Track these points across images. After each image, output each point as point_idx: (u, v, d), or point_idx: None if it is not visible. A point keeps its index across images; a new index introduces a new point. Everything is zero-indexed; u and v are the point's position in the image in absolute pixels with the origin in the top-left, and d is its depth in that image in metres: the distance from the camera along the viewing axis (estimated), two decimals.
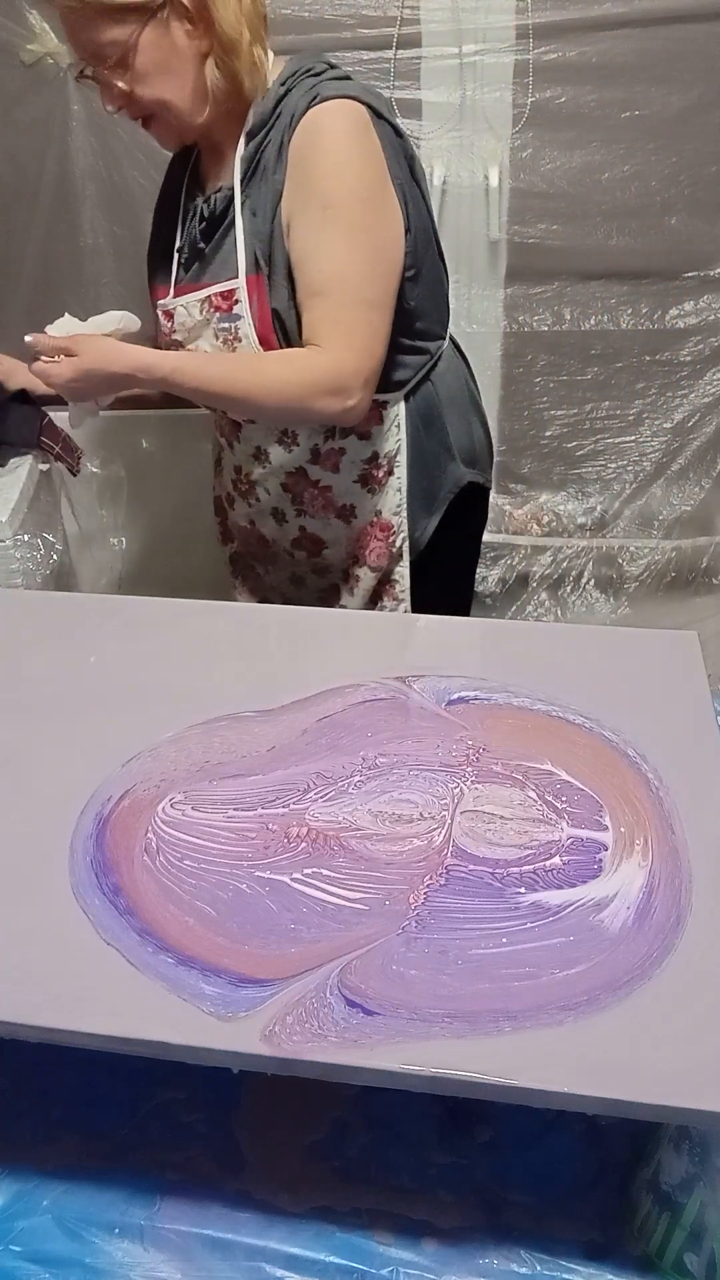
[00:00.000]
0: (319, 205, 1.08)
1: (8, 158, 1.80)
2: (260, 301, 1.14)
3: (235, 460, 1.32)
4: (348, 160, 1.07)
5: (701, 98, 1.69)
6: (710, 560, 2.06)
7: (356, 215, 1.08)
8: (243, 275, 1.15)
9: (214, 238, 1.19)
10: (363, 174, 1.08)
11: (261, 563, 1.43)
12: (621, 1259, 0.69)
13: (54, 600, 1.19)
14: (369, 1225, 0.72)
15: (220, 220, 1.18)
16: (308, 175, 1.08)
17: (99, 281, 1.90)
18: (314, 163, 1.08)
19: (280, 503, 1.32)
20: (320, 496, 1.29)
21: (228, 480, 1.38)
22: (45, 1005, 0.64)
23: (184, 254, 1.25)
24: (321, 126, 1.07)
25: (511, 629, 1.09)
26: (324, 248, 1.09)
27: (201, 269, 1.22)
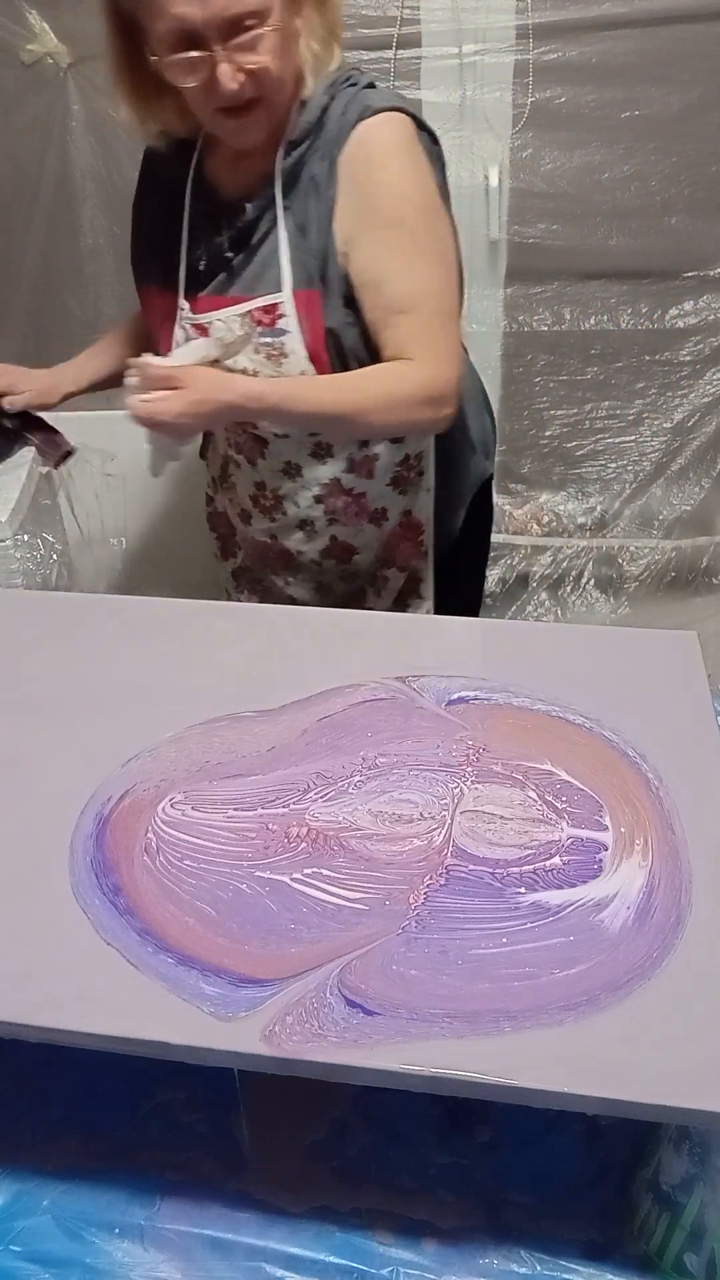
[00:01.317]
0: (387, 224, 1.08)
1: (8, 158, 1.80)
2: (313, 319, 1.12)
3: (257, 476, 1.28)
4: (409, 176, 1.08)
5: (701, 98, 1.69)
6: (710, 560, 2.06)
7: (425, 230, 1.10)
8: (288, 290, 1.11)
9: (246, 248, 1.14)
10: (423, 188, 1.09)
11: (280, 574, 1.38)
12: (621, 1259, 0.70)
13: (54, 600, 1.19)
14: (369, 1225, 0.72)
15: (252, 230, 1.13)
16: (369, 194, 1.08)
17: (99, 281, 1.90)
18: (376, 181, 1.07)
19: (310, 514, 1.28)
20: (354, 504, 1.27)
21: (243, 496, 1.32)
22: (45, 1005, 0.64)
23: (202, 262, 1.18)
24: (377, 143, 1.07)
25: (511, 629, 1.09)
26: (402, 267, 1.09)
27: (229, 280, 1.16)
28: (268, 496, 1.28)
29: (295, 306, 1.12)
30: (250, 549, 1.40)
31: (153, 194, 1.24)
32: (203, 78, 1.00)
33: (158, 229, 1.22)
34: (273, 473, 1.26)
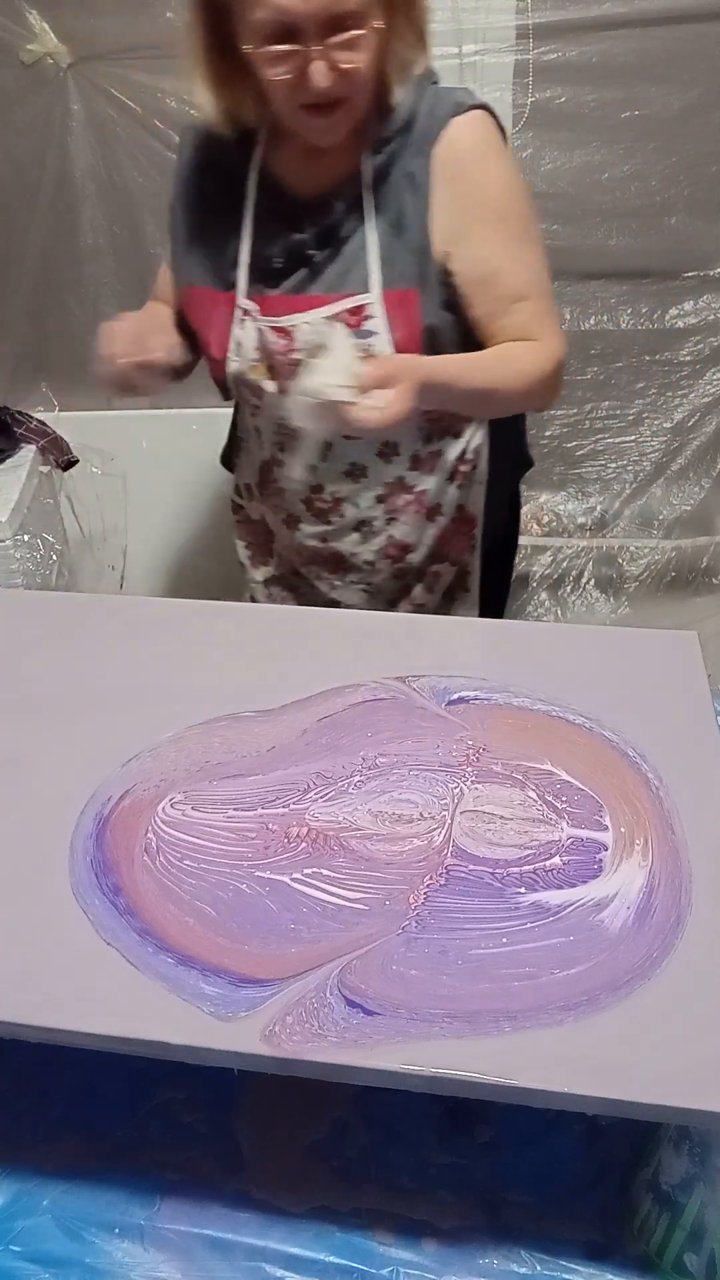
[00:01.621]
0: (496, 219, 1.10)
1: (8, 158, 1.79)
2: (409, 318, 1.11)
3: (313, 480, 1.25)
4: (506, 169, 1.11)
5: (701, 98, 1.69)
6: (710, 560, 2.05)
7: (526, 219, 1.13)
8: (377, 290, 1.10)
9: (329, 247, 1.11)
10: (518, 178, 1.13)
11: (326, 578, 1.35)
12: (621, 1259, 0.70)
13: (54, 600, 1.19)
14: (369, 1225, 0.72)
15: (336, 228, 1.11)
16: (473, 190, 1.09)
17: (99, 281, 1.90)
18: (478, 177, 1.09)
19: (369, 515, 1.26)
20: (415, 501, 1.26)
21: (293, 502, 1.28)
22: (45, 1005, 0.64)
23: (278, 261, 1.14)
24: (473, 139, 1.08)
25: (511, 629, 1.09)
26: (515, 257, 1.12)
27: (309, 279, 1.13)
28: (325, 500, 1.25)
29: (385, 307, 1.10)
30: (294, 555, 1.35)
31: (200, 187, 1.18)
32: (293, 72, 0.98)
33: (209, 224, 1.17)
34: (335, 475, 1.23)
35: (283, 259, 1.13)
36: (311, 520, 1.28)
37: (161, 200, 1.79)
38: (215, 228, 1.16)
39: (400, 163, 1.09)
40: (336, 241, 1.11)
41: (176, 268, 1.22)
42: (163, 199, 1.79)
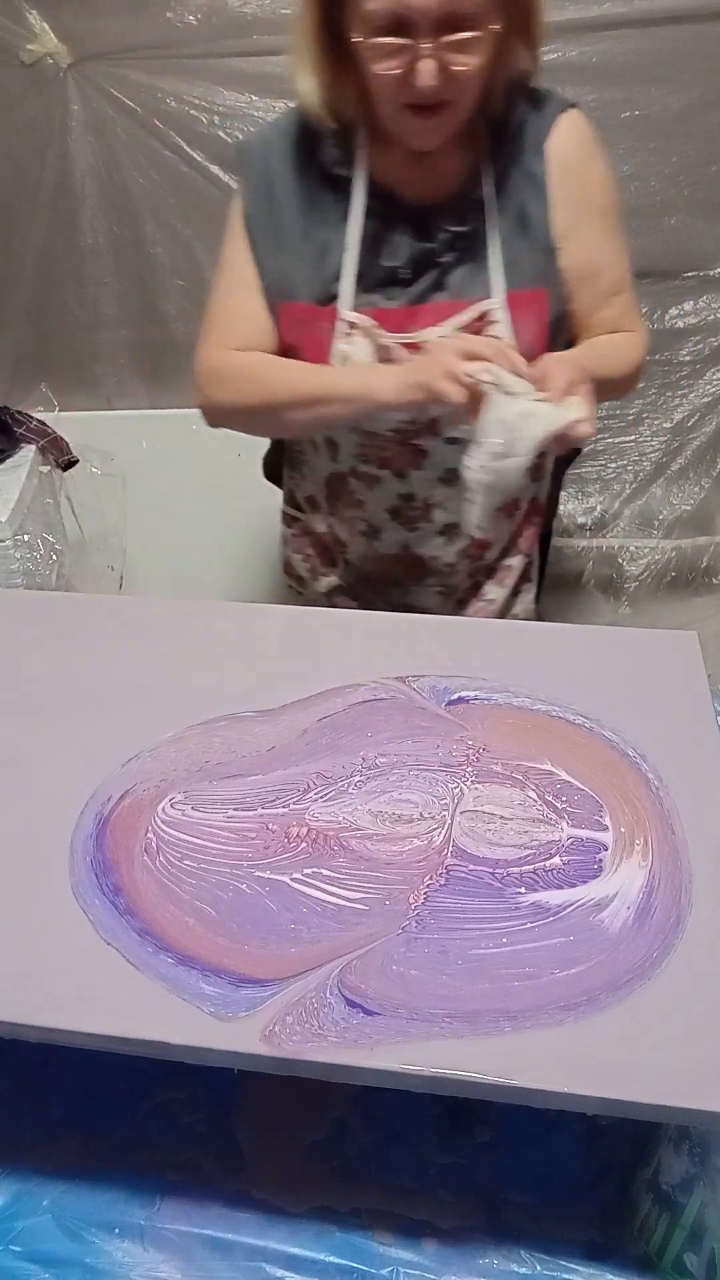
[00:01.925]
0: (600, 214, 1.12)
1: (8, 158, 1.79)
2: (537, 317, 1.11)
3: (404, 489, 1.22)
4: (605, 164, 1.13)
5: (701, 98, 1.69)
6: (710, 560, 2.05)
7: (619, 213, 1.15)
8: (500, 294, 1.09)
9: (453, 252, 1.09)
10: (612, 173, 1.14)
11: (402, 585, 1.33)
12: (621, 1259, 0.70)
13: (54, 600, 1.19)
14: (369, 1225, 0.72)
15: (463, 234, 1.09)
16: (584, 186, 1.10)
17: (99, 281, 1.90)
18: (588, 174, 1.11)
19: (458, 518, 1.23)
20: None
21: (377, 512, 1.24)
22: (45, 1005, 0.64)
23: (404, 272, 1.09)
24: (581, 136, 1.10)
25: (511, 629, 1.09)
26: (615, 251, 1.14)
27: (435, 286, 1.10)
28: (415, 507, 1.23)
29: (509, 310, 1.10)
30: (369, 564, 1.32)
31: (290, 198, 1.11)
32: (402, 68, 0.96)
33: (308, 235, 1.11)
34: (429, 482, 1.21)
35: (407, 269, 1.10)
36: (396, 528, 1.25)
37: (162, 200, 1.81)
38: (313, 238, 1.11)
39: (519, 163, 1.09)
40: (459, 247, 1.09)
41: (268, 284, 1.13)
42: (163, 199, 1.81)
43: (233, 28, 1.67)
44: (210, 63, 1.70)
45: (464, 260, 1.10)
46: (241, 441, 1.53)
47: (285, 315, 1.14)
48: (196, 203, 1.80)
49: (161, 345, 1.96)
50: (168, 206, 1.81)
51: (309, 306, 1.12)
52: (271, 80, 1.70)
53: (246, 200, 1.12)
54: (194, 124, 1.74)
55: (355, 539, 1.30)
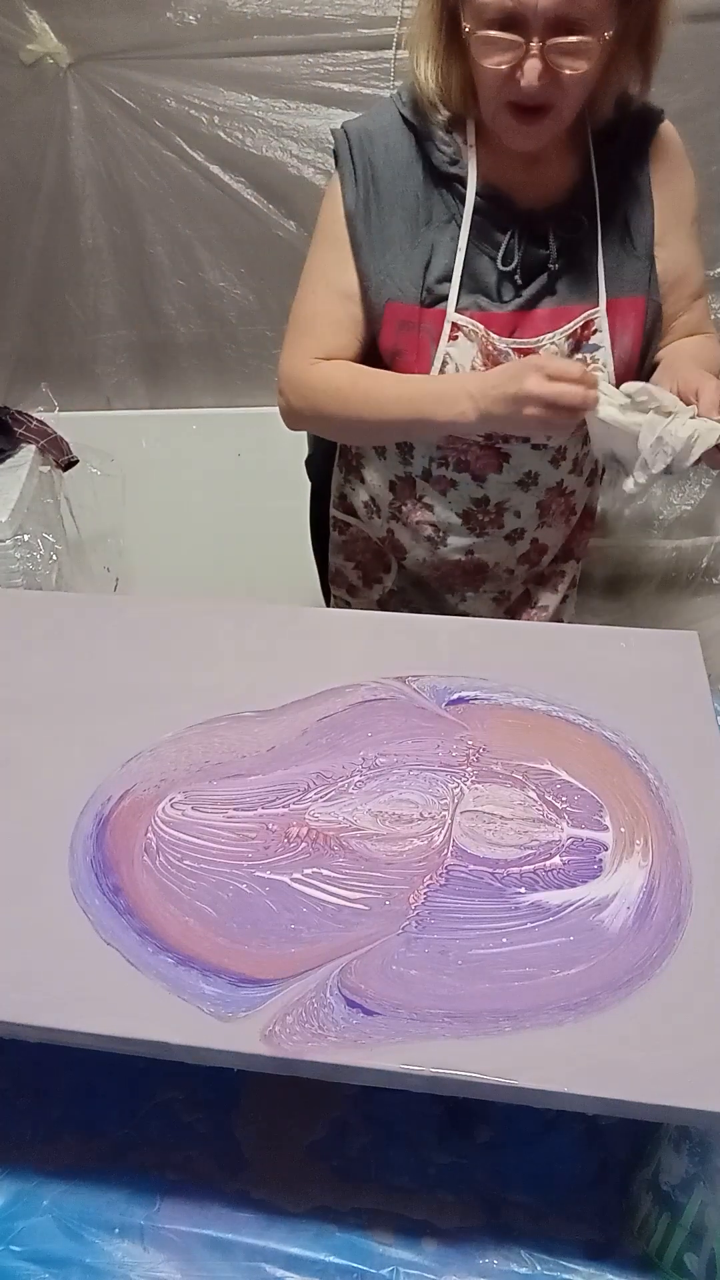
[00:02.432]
0: (689, 221, 1.14)
1: (8, 158, 1.79)
2: (635, 325, 1.11)
3: (478, 494, 1.21)
4: (691, 172, 1.15)
5: (701, 98, 1.69)
6: (710, 560, 2.05)
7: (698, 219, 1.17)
8: (603, 301, 1.09)
9: (567, 258, 1.09)
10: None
11: (459, 590, 1.32)
12: (621, 1259, 0.70)
13: (54, 600, 1.19)
14: (369, 1225, 0.72)
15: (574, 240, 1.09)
16: (677, 195, 1.12)
17: (99, 281, 1.90)
18: (682, 182, 1.13)
19: (526, 523, 1.24)
20: (564, 502, 1.25)
21: (447, 516, 1.23)
22: (45, 1005, 0.64)
23: (515, 274, 1.08)
24: (677, 146, 1.13)
25: (511, 629, 1.09)
26: (697, 256, 1.16)
27: (544, 292, 1.09)
28: (488, 511, 1.22)
29: (609, 317, 1.10)
30: (428, 569, 1.31)
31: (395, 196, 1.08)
32: (508, 64, 0.94)
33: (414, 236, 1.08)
34: (507, 486, 1.20)
35: (521, 271, 1.09)
36: (464, 533, 1.24)
37: (161, 200, 1.81)
38: (419, 239, 1.08)
39: (624, 172, 1.09)
40: (569, 254, 1.09)
41: (371, 285, 1.10)
42: (163, 199, 1.81)
43: (233, 28, 1.67)
44: (210, 63, 1.70)
45: (572, 267, 1.09)
46: (241, 442, 1.53)
47: (389, 317, 1.10)
48: (196, 203, 1.80)
49: (161, 345, 1.96)
50: (168, 206, 1.81)
51: (413, 308, 1.09)
52: (271, 80, 1.70)
53: (348, 198, 1.09)
54: (194, 124, 1.74)
55: (418, 544, 1.28)
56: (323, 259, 1.12)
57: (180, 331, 1.93)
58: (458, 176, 1.07)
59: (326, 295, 1.12)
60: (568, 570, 1.36)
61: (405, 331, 1.10)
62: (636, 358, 1.13)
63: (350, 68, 1.68)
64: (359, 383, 1.11)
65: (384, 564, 1.35)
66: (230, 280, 1.88)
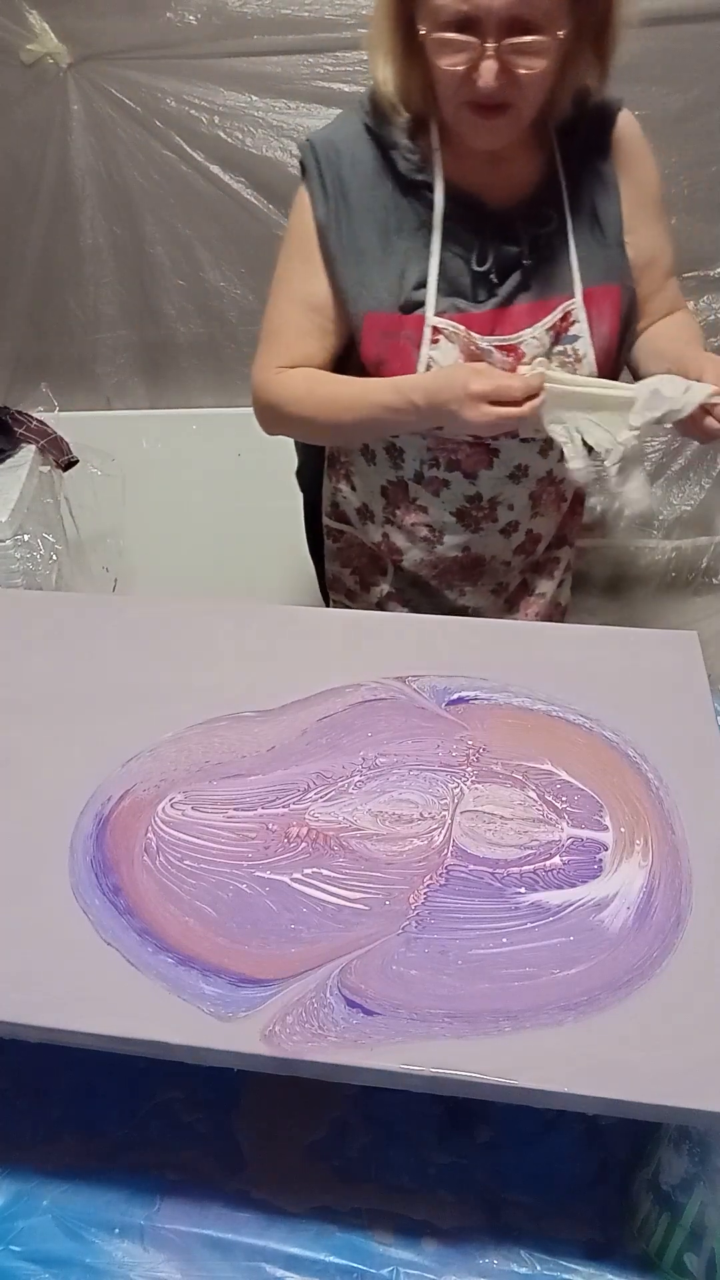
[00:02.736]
0: (654, 204, 1.16)
1: (8, 158, 1.79)
2: (611, 314, 1.12)
3: (471, 491, 1.22)
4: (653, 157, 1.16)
5: (701, 98, 1.69)
6: (710, 560, 2.05)
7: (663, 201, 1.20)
8: (579, 290, 1.11)
9: (539, 252, 1.10)
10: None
11: (456, 586, 1.33)
12: (621, 1259, 0.70)
13: (54, 600, 1.19)
14: (369, 1225, 0.72)
15: (544, 235, 1.10)
16: (642, 180, 1.14)
17: (99, 281, 1.90)
18: (645, 168, 1.14)
19: (519, 515, 1.25)
20: (555, 491, 1.27)
21: (442, 515, 1.24)
22: (45, 1005, 0.64)
23: (490, 273, 1.09)
24: (637, 133, 1.14)
25: (511, 629, 1.09)
26: (666, 236, 1.18)
27: (519, 288, 1.11)
28: (482, 507, 1.23)
29: (586, 307, 1.11)
30: (423, 569, 1.32)
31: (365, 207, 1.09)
32: (464, 64, 0.95)
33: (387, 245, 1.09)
34: (499, 480, 1.21)
35: (496, 267, 1.10)
36: (459, 530, 1.25)
37: (162, 200, 1.81)
38: (392, 247, 1.09)
39: (588, 164, 1.11)
40: (541, 249, 1.10)
41: (348, 297, 1.11)
42: (163, 199, 1.81)
43: (233, 28, 1.67)
44: (210, 63, 1.70)
45: (545, 261, 1.10)
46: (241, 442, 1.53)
47: (369, 328, 1.11)
48: (196, 203, 1.80)
49: (161, 345, 1.96)
50: (168, 206, 1.81)
51: (392, 316, 1.10)
52: (271, 80, 1.70)
53: (318, 212, 1.10)
54: (194, 124, 1.74)
55: (414, 545, 1.29)
56: (291, 270, 1.14)
57: (180, 331, 1.93)
58: (425, 183, 1.07)
59: (292, 306, 1.14)
60: (562, 556, 1.38)
61: (387, 340, 1.11)
62: (615, 345, 1.14)
63: (350, 68, 1.68)
64: (315, 391, 1.14)
65: (380, 568, 1.36)
66: (230, 280, 1.88)
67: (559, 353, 1.12)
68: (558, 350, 1.12)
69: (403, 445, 1.19)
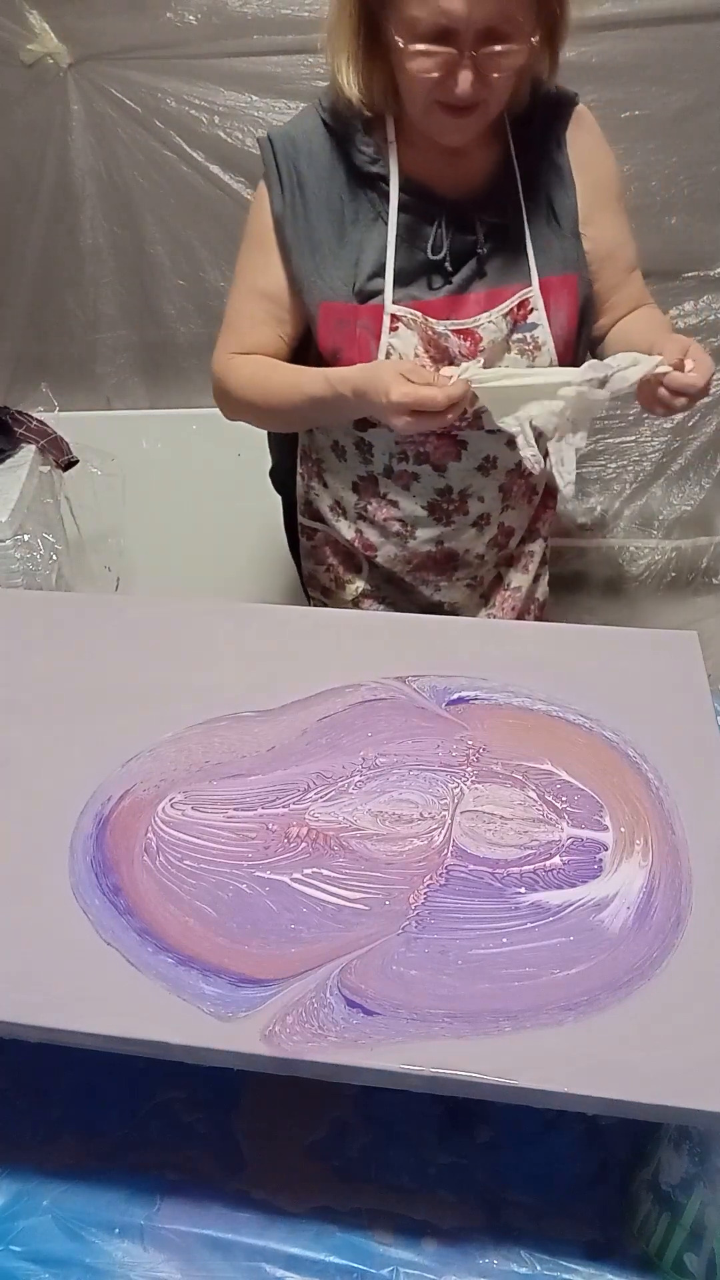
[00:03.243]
0: (614, 197, 1.18)
1: (8, 158, 1.79)
2: (569, 302, 1.15)
3: (440, 484, 1.23)
4: (611, 152, 1.19)
5: (701, 98, 1.69)
6: (710, 560, 2.05)
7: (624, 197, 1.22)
8: (536, 280, 1.13)
9: (492, 242, 1.12)
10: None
11: (431, 582, 1.34)
12: (621, 1259, 0.70)
13: (54, 600, 1.19)
14: (369, 1225, 0.72)
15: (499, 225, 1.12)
16: (599, 172, 1.16)
17: (99, 281, 1.90)
18: (602, 161, 1.16)
19: (490, 507, 1.27)
20: (525, 484, 1.28)
21: (413, 509, 1.25)
22: (45, 1005, 0.64)
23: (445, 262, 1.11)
24: (593, 126, 1.16)
25: (511, 629, 1.09)
26: (627, 230, 1.20)
27: (475, 275, 1.13)
28: (452, 499, 1.25)
29: (543, 296, 1.13)
30: (400, 564, 1.32)
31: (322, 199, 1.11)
32: (439, 71, 0.98)
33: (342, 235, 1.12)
34: (467, 472, 1.23)
35: (450, 256, 1.12)
36: (431, 524, 1.27)
37: (162, 200, 1.81)
38: (348, 238, 1.12)
39: (544, 156, 1.13)
40: (496, 238, 1.13)
41: (303, 287, 1.14)
42: (163, 199, 1.81)
43: (233, 28, 1.67)
44: (210, 63, 1.70)
45: (500, 250, 1.13)
46: (241, 441, 1.52)
47: (325, 317, 1.14)
48: (196, 203, 1.80)
49: (161, 345, 1.96)
50: (168, 206, 1.81)
51: (348, 306, 1.13)
52: (271, 80, 1.70)
53: (275, 204, 1.12)
54: (194, 124, 1.74)
55: (387, 540, 1.30)
56: (248, 261, 1.17)
57: (180, 331, 1.93)
58: (380, 175, 1.10)
59: (248, 295, 1.17)
60: (536, 550, 1.39)
61: (343, 329, 1.13)
62: (573, 334, 1.16)
63: None
64: (258, 378, 1.17)
65: (355, 565, 1.37)
66: (230, 280, 1.87)
67: (518, 340, 1.14)
68: (516, 338, 1.14)
69: (371, 440, 1.21)
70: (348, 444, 1.24)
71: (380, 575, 1.35)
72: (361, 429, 1.21)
